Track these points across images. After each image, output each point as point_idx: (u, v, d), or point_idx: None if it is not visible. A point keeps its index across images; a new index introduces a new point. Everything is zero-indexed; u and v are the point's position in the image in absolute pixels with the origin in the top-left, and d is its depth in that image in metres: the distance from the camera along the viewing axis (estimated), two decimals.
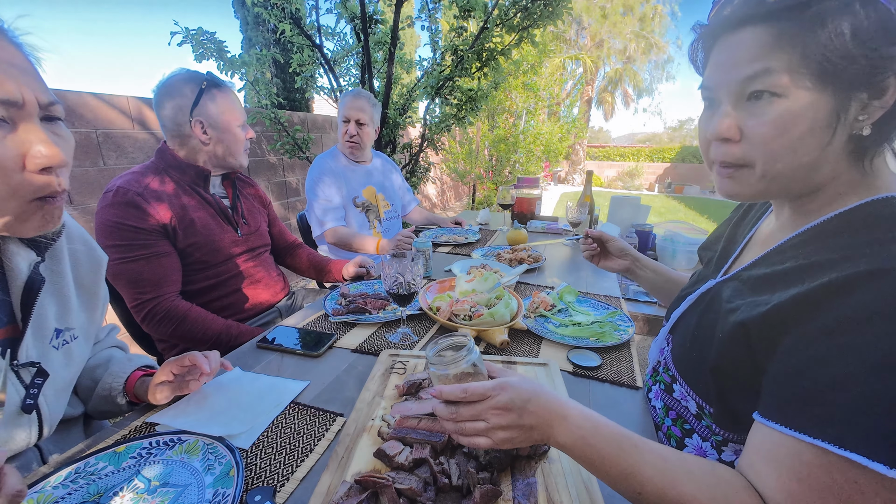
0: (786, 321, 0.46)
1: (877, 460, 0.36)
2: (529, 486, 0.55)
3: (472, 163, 6.42)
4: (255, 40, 5.33)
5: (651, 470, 0.46)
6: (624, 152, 17.72)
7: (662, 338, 0.73)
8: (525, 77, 6.00)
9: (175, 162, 1.17)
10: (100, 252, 0.75)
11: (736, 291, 0.57)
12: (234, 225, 1.28)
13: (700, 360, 0.58)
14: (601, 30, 15.92)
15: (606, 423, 0.50)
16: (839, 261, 0.45)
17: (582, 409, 0.51)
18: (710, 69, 0.53)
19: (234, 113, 1.20)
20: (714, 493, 0.44)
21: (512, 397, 0.50)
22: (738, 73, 0.49)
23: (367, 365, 0.88)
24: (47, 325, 0.62)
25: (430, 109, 3.45)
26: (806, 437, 0.40)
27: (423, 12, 3.22)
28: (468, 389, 0.51)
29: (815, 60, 0.44)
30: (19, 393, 0.58)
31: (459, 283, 1.16)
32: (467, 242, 1.89)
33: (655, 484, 0.45)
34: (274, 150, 3.41)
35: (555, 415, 0.50)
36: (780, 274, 0.51)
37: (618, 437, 0.48)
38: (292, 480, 0.58)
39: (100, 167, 2.22)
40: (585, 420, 0.49)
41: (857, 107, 0.45)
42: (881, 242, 0.44)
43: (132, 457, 0.61)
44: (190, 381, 0.72)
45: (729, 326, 0.53)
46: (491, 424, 0.50)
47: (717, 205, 9.90)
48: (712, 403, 0.57)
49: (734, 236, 0.72)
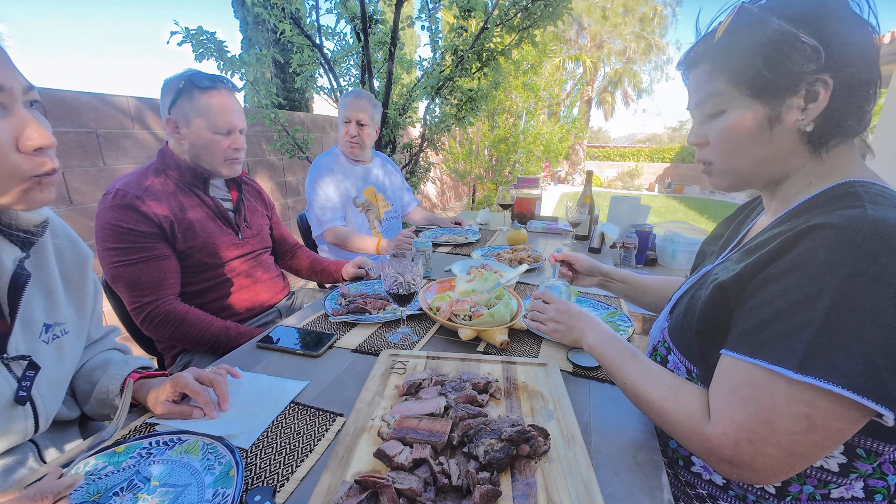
0: (751, 275, 0.55)
1: (788, 367, 0.47)
2: (529, 486, 0.55)
3: (472, 163, 6.42)
4: (255, 40, 5.33)
5: (634, 370, 0.66)
6: (624, 152, 17.72)
7: (663, 318, 0.78)
8: (525, 77, 6.00)
9: (174, 163, 1.16)
10: (85, 248, 0.75)
11: (724, 267, 0.65)
12: (234, 228, 1.27)
13: (688, 326, 0.65)
14: (601, 30, 15.92)
15: (621, 340, 0.73)
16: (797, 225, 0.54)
17: (611, 331, 0.75)
18: (688, 94, 0.68)
19: (211, 117, 1.13)
20: (667, 393, 0.60)
21: (568, 307, 0.83)
22: (696, 97, 0.65)
23: (367, 365, 0.88)
24: (35, 319, 0.63)
25: (430, 109, 3.45)
26: (742, 357, 0.52)
27: (423, 12, 3.21)
28: (546, 292, 0.89)
29: (744, 82, 0.57)
30: (11, 385, 0.59)
31: (459, 283, 1.16)
32: (467, 242, 1.89)
33: (634, 379, 0.65)
34: (274, 150, 3.40)
35: (588, 325, 0.78)
36: (755, 245, 0.60)
37: (623, 347, 0.70)
38: (292, 480, 0.58)
39: (100, 167, 2.22)
40: (607, 333, 0.75)
41: (793, 110, 0.56)
42: (832, 210, 0.53)
43: (132, 457, 0.61)
44: (194, 409, 0.70)
45: (709, 290, 0.61)
46: (550, 316, 0.84)
47: (717, 205, 9.90)
48: (697, 363, 0.64)
49: (736, 232, 0.79)
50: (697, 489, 0.69)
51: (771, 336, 0.50)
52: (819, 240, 0.49)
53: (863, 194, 0.53)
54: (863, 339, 0.45)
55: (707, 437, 0.53)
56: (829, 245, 0.48)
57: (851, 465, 0.56)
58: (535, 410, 0.71)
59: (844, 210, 0.51)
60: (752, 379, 0.50)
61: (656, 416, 0.61)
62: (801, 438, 0.47)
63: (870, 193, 0.53)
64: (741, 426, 0.50)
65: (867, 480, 0.57)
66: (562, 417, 0.69)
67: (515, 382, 0.79)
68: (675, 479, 0.72)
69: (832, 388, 0.45)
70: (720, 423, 0.52)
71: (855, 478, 0.57)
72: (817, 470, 0.57)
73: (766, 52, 0.54)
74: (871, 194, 0.53)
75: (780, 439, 0.48)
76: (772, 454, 0.49)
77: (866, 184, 0.55)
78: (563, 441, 0.63)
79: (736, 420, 0.51)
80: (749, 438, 0.49)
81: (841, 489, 0.58)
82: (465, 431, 0.62)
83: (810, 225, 0.51)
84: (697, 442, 0.55)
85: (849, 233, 0.47)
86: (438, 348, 0.95)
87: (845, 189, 0.55)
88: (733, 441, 0.50)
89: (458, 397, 0.70)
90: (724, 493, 0.66)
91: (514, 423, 0.61)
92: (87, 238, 2.15)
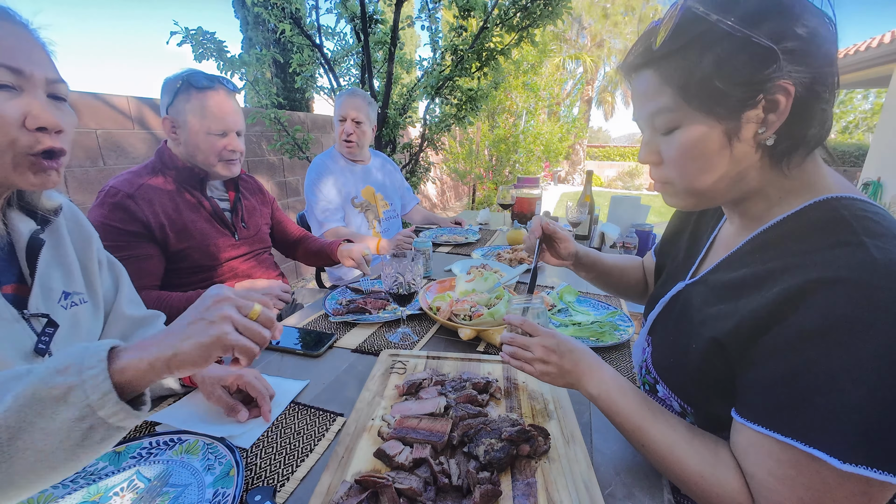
0: (752, 334, 0.50)
1: (834, 456, 0.41)
2: (529, 486, 0.55)
3: (472, 163, 6.42)
4: (255, 40, 5.33)
5: (658, 433, 0.55)
6: (624, 152, 17.73)
7: (643, 339, 0.74)
8: (525, 77, 6.00)
9: (172, 162, 1.16)
10: (90, 228, 0.78)
11: (704, 299, 0.60)
12: (231, 229, 1.26)
13: (679, 367, 0.61)
14: (602, 29, 15.91)
15: (632, 388, 0.60)
16: (791, 268, 0.49)
17: (614, 372, 0.62)
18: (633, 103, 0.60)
19: (207, 118, 1.12)
20: (704, 469, 0.51)
21: (559, 343, 0.64)
22: (643, 110, 0.56)
23: (367, 365, 0.88)
24: (55, 286, 0.67)
25: (430, 109, 3.45)
26: (778, 436, 0.45)
27: (423, 12, 3.21)
28: (527, 322, 0.67)
29: (695, 95, 0.50)
30: (31, 338, 0.61)
31: (459, 283, 1.16)
32: (467, 242, 1.89)
33: (658, 447, 0.54)
34: (274, 150, 3.40)
35: (588, 367, 0.62)
36: (740, 280, 0.55)
37: (638, 401, 0.58)
38: (292, 480, 0.58)
39: (100, 167, 2.22)
40: (614, 379, 0.61)
41: (752, 124, 0.50)
42: (826, 248, 0.47)
43: (132, 457, 0.61)
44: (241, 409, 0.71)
45: (703, 343, 0.56)
46: (537, 356, 0.64)
47: None
48: (693, 406, 0.59)
49: (697, 236, 0.74)
50: None
51: (811, 417, 0.44)
52: (836, 300, 0.43)
53: (852, 221, 0.48)
54: None
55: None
56: (850, 310, 0.43)
57: None
58: (535, 410, 0.71)
59: (844, 252, 0.46)
60: (795, 460, 0.45)
61: (688, 490, 0.53)
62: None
63: (857, 217, 0.48)
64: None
65: None
66: (562, 417, 0.69)
67: (515, 382, 0.79)
68: None
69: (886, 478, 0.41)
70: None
71: None
72: None
73: (717, 59, 0.48)
74: (860, 218, 0.48)
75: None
76: None
77: (845, 200, 0.51)
78: (563, 441, 0.63)
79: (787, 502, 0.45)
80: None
81: None
82: (466, 431, 0.62)
83: (816, 279, 0.45)
84: None
85: (867, 290, 0.42)
86: (438, 348, 0.95)
87: (828, 213, 0.50)
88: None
89: (459, 397, 0.70)
90: None
91: (514, 423, 0.61)
92: None
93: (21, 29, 0.57)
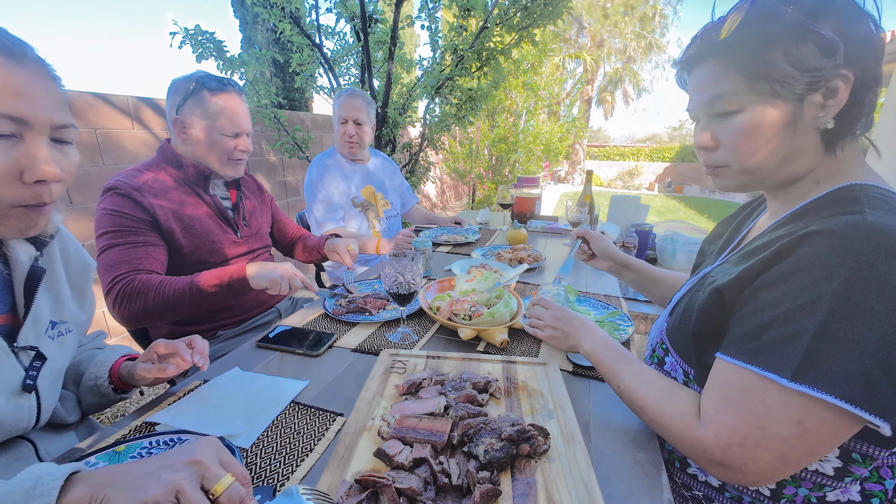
0: (748, 282, 0.55)
1: (782, 375, 0.47)
2: (529, 486, 0.55)
3: (472, 162, 6.41)
4: (255, 40, 5.32)
5: (629, 374, 0.67)
6: (624, 152, 17.71)
7: (663, 319, 0.78)
8: (525, 77, 5.99)
9: (175, 160, 1.17)
10: (89, 258, 0.78)
11: (722, 270, 0.64)
12: (233, 226, 1.27)
13: (685, 327, 0.66)
14: (602, 29, 15.90)
15: (617, 345, 0.73)
16: (795, 231, 0.53)
17: (606, 334, 0.76)
18: (689, 95, 0.66)
19: (220, 119, 1.15)
20: (660, 396, 0.61)
21: (564, 313, 0.83)
22: (702, 97, 0.61)
23: (367, 365, 0.88)
24: (43, 315, 0.66)
25: (430, 109, 3.45)
26: (737, 362, 0.52)
27: (422, 12, 3.21)
28: (543, 299, 0.90)
29: (762, 80, 0.55)
30: (19, 373, 0.61)
31: (459, 282, 1.16)
32: (467, 242, 1.88)
33: (629, 384, 0.66)
34: (274, 150, 3.40)
35: (585, 332, 0.78)
36: (754, 249, 0.59)
37: (619, 352, 0.71)
38: (292, 480, 0.58)
39: (100, 167, 2.22)
40: (604, 339, 0.75)
41: (813, 107, 0.55)
42: (830, 215, 0.52)
43: (132, 456, 0.60)
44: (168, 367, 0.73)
45: (706, 294, 0.61)
46: (546, 323, 0.84)
47: (717, 204, 9.89)
48: (693, 365, 0.64)
49: (736, 232, 0.78)
50: (693, 490, 0.69)
51: (767, 342, 0.50)
52: (817, 246, 0.49)
53: (863, 199, 0.52)
54: (859, 346, 0.44)
55: (698, 439, 0.53)
56: (827, 251, 0.48)
57: (847, 469, 0.55)
58: (535, 410, 0.71)
59: (844, 216, 0.50)
60: (746, 384, 0.51)
61: (650, 419, 0.62)
62: (792, 444, 0.48)
63: (870, 198, 0.52)
64: (732, 430, 0.50)
65: (864, 484, 0.56)
66: (562, 417, 0.69)
67: (515, 382, 0.79)
68: (672, 480, 0.72)
69: (825, 397, 0.45)
70: (711, 426, 0.53)
71: (851, 481, 0.56)
72: (812, 473, 0.57)
73: (786, 47, 0.53)
74: (872, 198, 0.52)
75: (772, 444, 0.48)
76: (762, 458, 0.49)
77: (868, 187, 0.55)
78: (563, 440, 0.63)
79: (727, 423, 0.51)
80: (740, 442, 0.50)
81: (836, 492, 0.57)
82: (465, 431, 0.62)
83: (809, 231, 0.51)
84: (689, 444, 0.55)
85: (847, 239, 0.47)
86: (438, 348, 0.95)
87: (846, 193, 0.55)
88: (724, 444, 0.51)
89: (458, 397, 0.70)
90: (719, 494, 0.66)
91: (514, 423, 0.61)
92: (87, 238, 2.15)
93: (34, 67, 0.54)
